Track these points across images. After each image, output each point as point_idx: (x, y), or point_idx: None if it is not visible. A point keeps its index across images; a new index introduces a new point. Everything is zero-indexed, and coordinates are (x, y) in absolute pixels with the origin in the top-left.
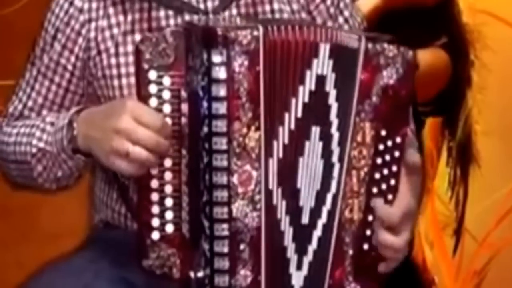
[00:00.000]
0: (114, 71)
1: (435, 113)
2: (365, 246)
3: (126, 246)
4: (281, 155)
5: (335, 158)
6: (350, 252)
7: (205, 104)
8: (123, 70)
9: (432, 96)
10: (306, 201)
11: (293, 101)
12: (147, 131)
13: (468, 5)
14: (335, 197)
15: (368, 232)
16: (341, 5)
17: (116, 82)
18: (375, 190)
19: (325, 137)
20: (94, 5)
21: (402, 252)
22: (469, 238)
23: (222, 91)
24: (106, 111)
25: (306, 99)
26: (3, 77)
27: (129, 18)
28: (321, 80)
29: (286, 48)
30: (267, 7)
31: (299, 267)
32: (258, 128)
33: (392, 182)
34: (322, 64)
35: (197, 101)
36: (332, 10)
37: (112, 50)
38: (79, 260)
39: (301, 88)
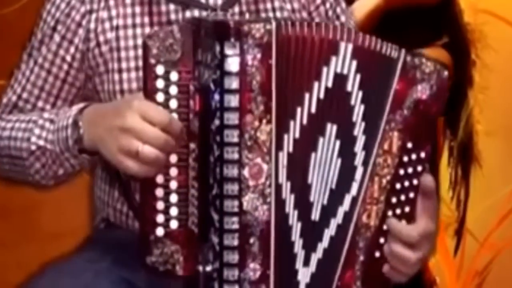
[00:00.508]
0: (115, 65)
1: None
2: (377, 254)
3: (126, 246)
4: (291, 149)
5: (358, 161)
6: (362, 257)
7: (216, 97)
8: (124, 65)
9: None
10: (318, 197)
11: (307, 96)
12: (155, 129)
13: (469, 5)
14: (354, 200)
15: (381, 240)
16: (338, 10)
17: (116, 76)
18: (394, 200)
19: (345, 137)
20: None
21: (414, 268)
22: (471, 238)
23: (234, 84)
24: (113, 109)
25: (322, 96)
26: (2, 77)
27: (130, 11)
28: (340, 78)
29: (301, 43)
30: (269, 5)
31: (306, 263)
32: (269, 122)
33: (411, 195)
34: (342, 63)
35: (208, 95)
36: (330, 13)
37: (113, 44)
38: (80, 260)
39: (316, 84)
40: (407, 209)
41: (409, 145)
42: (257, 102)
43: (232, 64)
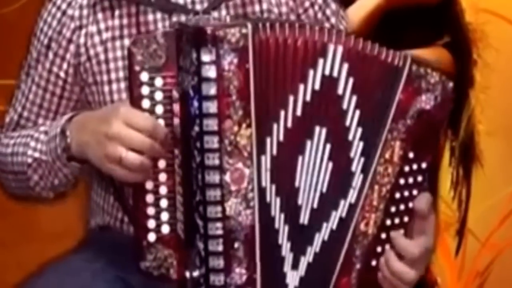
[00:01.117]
0: (104, 77)
1: None
2: (373, 263)
3: (122, 246)
4: (275, 152)
5: (355, 167)
6: (358, 265)
7: (195, 103)
8: (113, 76)
9: None
10: (306, 200)
11: (291, 98)
12: (140, 134)
13: (471, 4)
14: (352, 207)
15: (378, 249)
16: (328, 12)
17: (106, 88)
18: (393, 209)
19: (336, 141)
20: (85, 12)
21: (409, 285)
22: (472, 238)
23: (212, 90)
24: (99, 117)
25: (308, 98)
26: (2, 76)
27: (117, 23)
28: (329, 81)
29: (282, 45)
30: (257, 8)
31: (294, 266)
32: (249, 126)
33: (410, 205)
34: (332, 66)
35: (188, 101)
36: (319, 15)
37: (102, 56)
38: (76, 260)
39: (301, 87)
40: (405, 219)
41: (411, 155)
42: (236, 107)
43: (209, 70)
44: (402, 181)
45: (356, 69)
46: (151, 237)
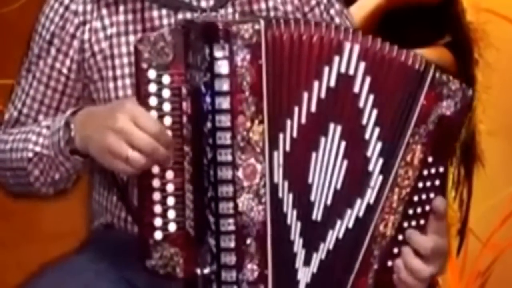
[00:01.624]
0: (110, 73)
1: None
2: (389, 263)
3: (126, 246)
4: (288, 148)
5: (373, 167)
6: (376, 266)
7: (208, 99)
8: (118, 72)
9: None
10: (320, 197)
11: (305, 95)
12: (144, 134)
13: (472, 4)
14: (371, 208)
15: (395, 250)
16: (332, 11)
17: (111, 84)
18: (410, 211)
19: (352, 139)
20: (88, 7)
21: (423, 283)
22: (473, 238)
23: (225, 86)
24: (105, 111)
25: (323, 95)
26: (2, 76)
27: (122, 19)
28: (345, 79)
29: (296, 42)
30: (263, 5)
31: (306, 262)
32: (261, 122)
33: (427, 208)
34: (347, 64)
35: (199, 97)
36: (324, 15)
37: (107, 52)
38: (80, 260)
39: (316, 83)
40: (422, 221)
41: (430, 159)
42: (248, 103)
43: (222, 66)
44: (420, 185)
45: (373, 68)
46: (158, 235)
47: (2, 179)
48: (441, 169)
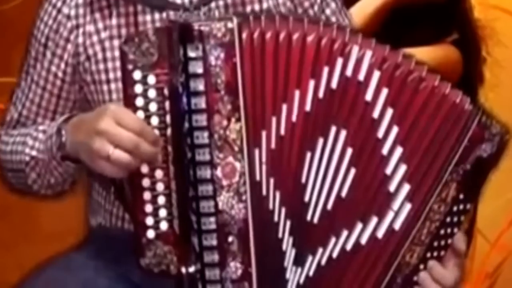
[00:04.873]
0: (103, 76)
1: None
2: None
3: (124, 243)
4: (273, 145)
5: (395, 189)
6: None
7: (184, 99)
8: (111, 75)
9: None
10: (316, 199)
11: (297, 93)
12: (127, 132)
13: (480, 1)
14: (398, 235)
15: (415, 278)
16: (328, 11)
17: (105, 87)
18: (435, 244)
19: (362, 147)
20: (81, 11)
21: None
22: (481, 239)
23: (200, 86)
24: (91, 116)
25: (321, 95)
26: (2, 74)
27: (115, 22)
28: (352, 83)
29: (285, 40)
30: (256, 6)
31: (298, 262)
32: (238, 120)
33: (449, 241)
34: (355, 68)
35: (177, 97)
36: (316, 8)
37: (100, 55)
38: (79, 256)
39: (311, 82)
40: (442, 253)
41: (461, 196)
42: (224, 101)
43: (196, 66)
44: (448, 219)
45: (392, 82)
46: (150, 234)
47: (6, 178)
48: (468, 206)
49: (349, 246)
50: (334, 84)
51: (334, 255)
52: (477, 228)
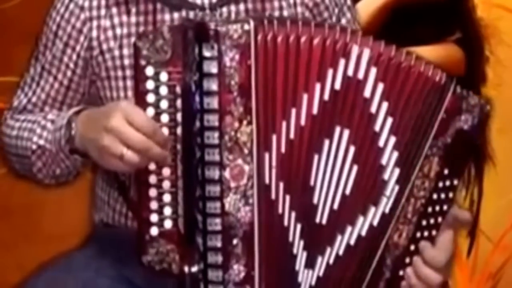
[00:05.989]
0: (119, 73)
1: None
2: (400, 272)
3: (126, 244)
4: (283, 149)
5: (388, 176)
6: (387, 275)
7: (197, 98)
8: (128, 72)
9: None
10: (324, 200)
11: (305, 97)
12: (137, 133)
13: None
14: (386, 217)
15: (407, 260)
16: (343, 21)
17: (121, 83)
18: (424, 222)
19: (362, 144)
20: (95, 3)
21: None
22: (484, 239)
23: (213, 86)
24: (102, 112)
25: (326, 97)
26: (2, 73)
27: (134, 19)
28: (353, 82)
29: (294, 43)
30: (276, 4)
31: (309, 265)
32: (250, 123)
33: (439, 219)
34: (356, 67)
35: (190, 96)
36: (334, 19)
37: (117, 52)
38: (80, 257)
39: (318, 85)
40: (433, 232)
41: (446, 171)
42: (237, 103)
43: (211, 66)
44: (435, 196)
45: (387, 75)
46: (154, 231)
47: (10, 161)
48: (455, 182)
49: (352, 241)
50: (337, 85)
51: (341, 252)
52: (480, 229)
